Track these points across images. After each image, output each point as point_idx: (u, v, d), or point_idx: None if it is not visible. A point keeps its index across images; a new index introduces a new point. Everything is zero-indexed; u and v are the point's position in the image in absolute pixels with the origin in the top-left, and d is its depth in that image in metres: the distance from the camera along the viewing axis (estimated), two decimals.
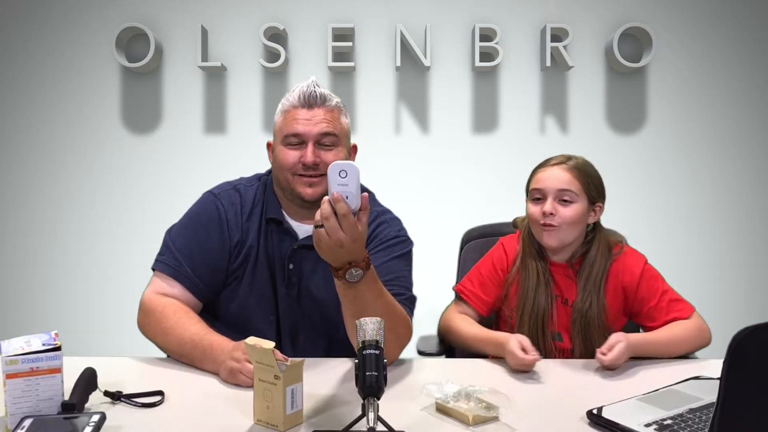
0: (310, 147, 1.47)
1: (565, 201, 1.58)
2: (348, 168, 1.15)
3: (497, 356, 1.46)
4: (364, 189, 1.31)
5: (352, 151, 1.59)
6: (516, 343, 1.39)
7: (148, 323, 1.48)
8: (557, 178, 1.59)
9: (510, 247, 1.69)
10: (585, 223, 1.62)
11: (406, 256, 1.56)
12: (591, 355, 1.47)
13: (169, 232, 1.57)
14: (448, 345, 1.74)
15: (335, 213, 1.15)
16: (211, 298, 1.55)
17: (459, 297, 1.71)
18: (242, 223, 1.54)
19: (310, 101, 1.48)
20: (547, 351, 1.59)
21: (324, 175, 1.46)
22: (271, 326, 1.53)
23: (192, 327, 1.42)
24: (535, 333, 1.58)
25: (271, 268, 1.54)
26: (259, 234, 1.55)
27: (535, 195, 1.63)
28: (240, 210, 1.55)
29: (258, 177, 1.64)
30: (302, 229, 1.54)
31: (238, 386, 1.28)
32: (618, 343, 1.39)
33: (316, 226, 1.18)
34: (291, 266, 1.53)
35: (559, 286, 1.63)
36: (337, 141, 1.49)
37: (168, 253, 1.53)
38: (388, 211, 1.63)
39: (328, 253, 1.20)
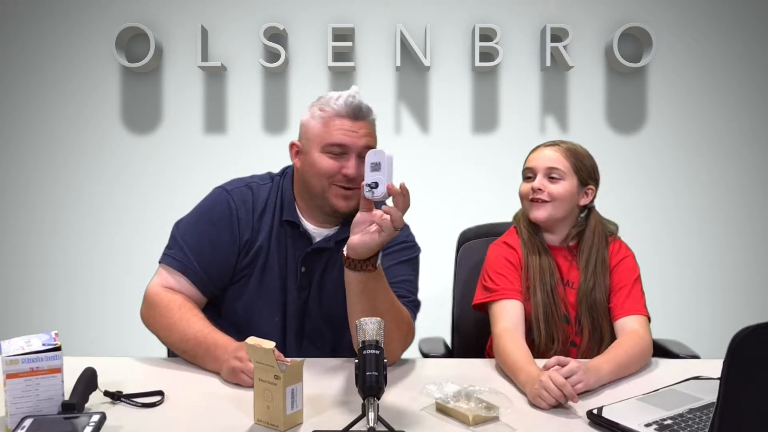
0: (353, 160, 1.45)
1: (553, 178, 1.64)
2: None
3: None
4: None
5: None
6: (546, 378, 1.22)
7: (152, 316, 1.47)
8: (546, 156, 1.66)
9: (512, 241, 1.69)
10: (575, 203, 1.66)
11: (413, 262, 1.56)
12: (599, 336, 1.56)
13: (177, 226, 1.55)
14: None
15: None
16: (217, 294, 1.55)
17: (491, 305, 1.60)
18: (253, 221, 1.53)
19: (357, 113, 1.47)
20: (560, 333, 1.59)
21: (359, 188, 1.45)
22: (276, 328, 1.52)
23: (196, 324, 1.42)
24: (549, 313, 1.58)
25: (282, 270, 1.53)
26: (271, 234, 1.53)
27: (526, 174, 1.68)
28: (252, 208, 1.54)
29: (271, 176, 1.62)
30: (317, 232, 1.54)
31: (239, 386, 1.29)
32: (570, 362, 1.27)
33: (397, 228, 1.22)
34: (303, 269, 1.52)
35: (561, 269, 1.65)
36: None
37: (176, 246, 1.52)
38: None
39: (384, 244, 1.25)
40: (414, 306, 1.50)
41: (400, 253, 1.53)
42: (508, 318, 1.54)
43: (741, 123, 3.00)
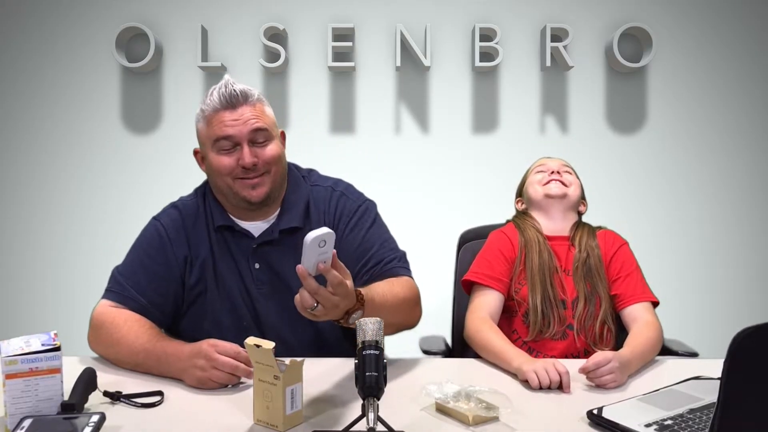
0: (246, 148, 1.42)
1: (567, 173, 1.78)
2: (327, 238, 1.13)
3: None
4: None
5: (281, 139, 1.54)
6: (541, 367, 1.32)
7: (99, 336, 1.44)
8: (559, 161, 1.82)
9: (511, 233, 1.74)
10: (579, 204, 1.79)
11: (377, 220, 1.56)
12: (594, 306, 1.63)
13: (117, 267, 1.54)
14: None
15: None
16: (165, 322, 1.52)
17: (475, 287, 1.68)
18: (188, 237, 1.51)
19: (233, 101, 1.42)
20: (556, 317, 1.62)
21: (264, 174, 1.44)
22: (249, 332, 1.44)
23: (143, 335, 1.38)
24: (546, 298, 1.63)
25: (235, 274, 1.50)
26: (211, 244, 1.51)
27: (537, 175, 1.79)
28: (182, 225, 1.52)
29: (195, 190, 1.60)
30: (254, 227, 1.52)
31: (238, 386, 1.29)
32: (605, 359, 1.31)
33: (311, 309, 1.17)
34: (257, 266, 1.50)
35: (560, 258, 1.69)
36: (268, 135, 1.45)
37: (113, 281, 1.51)
38: (338, 181, 1.60)
39: (328, 317, 1.21)
40: (404, 261, 1.53)
41: (363, 220, 1.53)
42: (487, 308, 1.62)
43: (741, 123, 3.00)
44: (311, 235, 1.12)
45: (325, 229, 1.14)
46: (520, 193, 1.86)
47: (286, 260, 1.48)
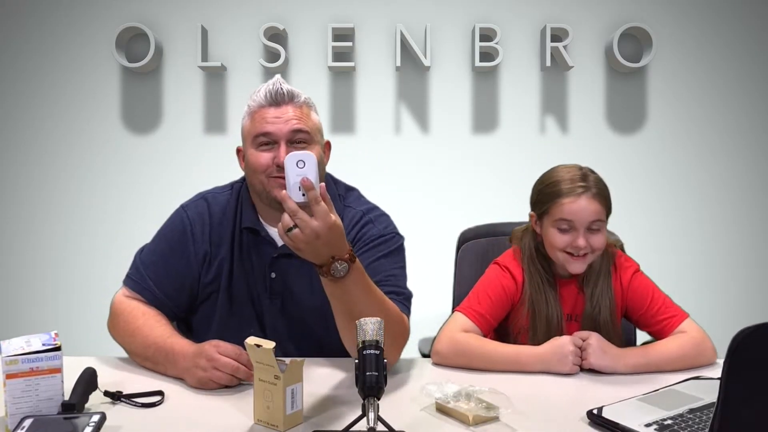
0: (282, 147, 1.39)
1: (593, 230, 1.53)
2: (305, 158, 1.14)
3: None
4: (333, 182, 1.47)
5: (326, 149, 1.53)
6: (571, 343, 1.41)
7: (117, 324, 1.46)
8: (588, 210, 1.51)
9: (516, 271, 1.60)
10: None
11: (395, 253, 1.49)
12: None
13: (140, 251, 1.55)
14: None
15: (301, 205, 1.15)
16: (180, 315, 1.53)
17: (460, 316, 1.56)
18: (211, 234, 1.50)
19: (278, 99, 1.42)
20: None
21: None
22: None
23: (157, 329, 1.39)
24: None
25: (249, 279, 1.49)
26: (233, 244, 1.50)
27: (562, 225, 1.53)
28: (208, 220, 1.51)
29: (231, 185, 1.58)
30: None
31: (238, 386, 1.29)
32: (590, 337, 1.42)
33: (288, 230, 1.15)
34: (273, 275, 1.48)
35: (568, 303, 1.60)
36: (309, 138, 1.42)
37: (134, 267, 1.52)
38: (374, 209, 1.56)
39: (308, 251, 1.18)
40: (405, 300, 1.45)
41: (379, 248, 1.47)
42: (468, 330, 1.51)
43: (741, 123, 3.00)
44: (290, 153, 1.17)
45: (306, 152, 1.17)
46: (535, 207, 1.61)
47: (303, 276, 1.46)
